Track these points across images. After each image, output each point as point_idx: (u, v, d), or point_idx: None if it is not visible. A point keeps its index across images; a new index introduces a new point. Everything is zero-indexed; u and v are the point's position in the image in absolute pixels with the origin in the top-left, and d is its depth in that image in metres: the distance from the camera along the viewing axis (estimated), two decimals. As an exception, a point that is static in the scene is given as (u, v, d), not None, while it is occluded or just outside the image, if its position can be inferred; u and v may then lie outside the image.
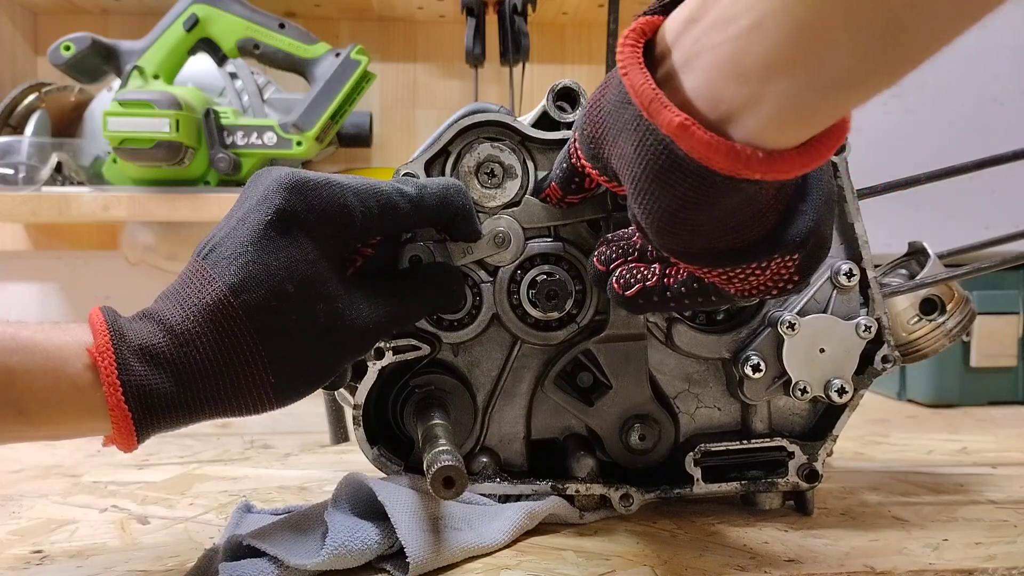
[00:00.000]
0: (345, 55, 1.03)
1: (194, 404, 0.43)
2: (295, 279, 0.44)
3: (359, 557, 0.46)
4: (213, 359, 0.43)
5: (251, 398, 0.44)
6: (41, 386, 0.41)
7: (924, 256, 0.60)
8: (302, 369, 0.45)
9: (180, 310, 0.43)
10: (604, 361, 0.56)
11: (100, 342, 0.42)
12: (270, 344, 0.43)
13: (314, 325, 0.45)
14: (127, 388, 0.41)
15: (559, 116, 0.55)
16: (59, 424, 0.42)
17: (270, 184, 0.46)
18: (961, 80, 1.37)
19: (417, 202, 0.49)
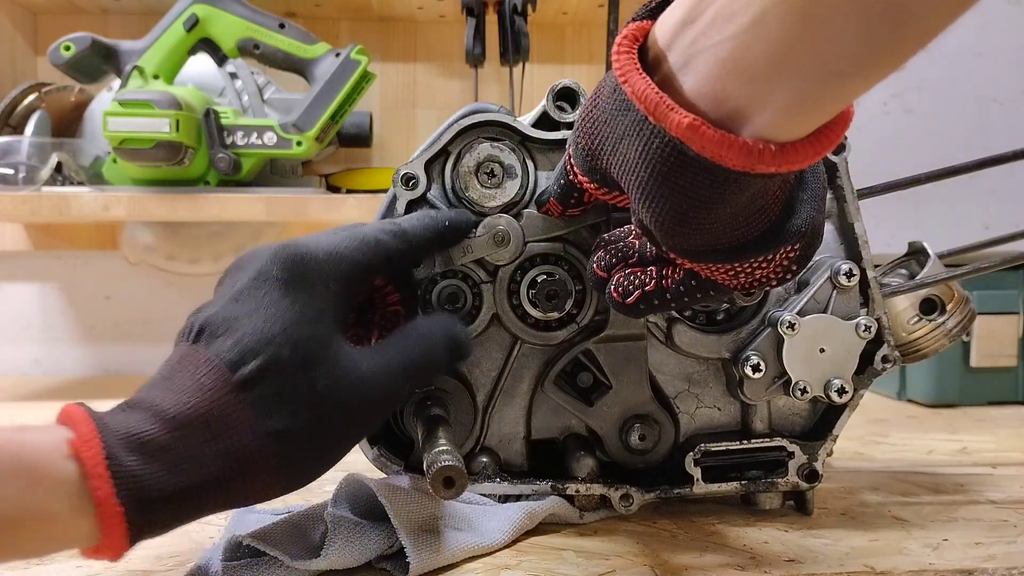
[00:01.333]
0: (345, 55, 1.03)
1: (191, 496, 0.38)
2: (291, 343, 0.41)
3: (359, 557, 0.46)
4: (209, 443, 0.38)
5: (253, 483, 0.40)
6: (11, 492, 0.34)
7: (924, 256, 0.60)
8: (304, 444, 0.41)
9: (172, 395, 0.39)
10: (604, 361, 0.56)
11: (83, 431, 0.36)
12: (267, 417, 0.40)
13: (311, 392, 0.41)
14: (118, 479, 0.36)
15: (559, 116, 0.55)
16: (35, 536, 0.35)
17: (266, 260, 0.44)
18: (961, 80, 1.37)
19: (401, 234, 0.49)
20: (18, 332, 1.29)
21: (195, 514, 0.39)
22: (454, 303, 0.56)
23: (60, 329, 1.30)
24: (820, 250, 0.57)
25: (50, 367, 1.29)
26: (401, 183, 0.54)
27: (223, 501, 0.40)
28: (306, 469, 0.42)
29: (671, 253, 0.41)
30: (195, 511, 0.39)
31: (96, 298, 1.30)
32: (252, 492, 0.40)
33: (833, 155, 0.56)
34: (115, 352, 1.30)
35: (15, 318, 1.29)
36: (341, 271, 0.45)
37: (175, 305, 1.29)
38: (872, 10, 0.29)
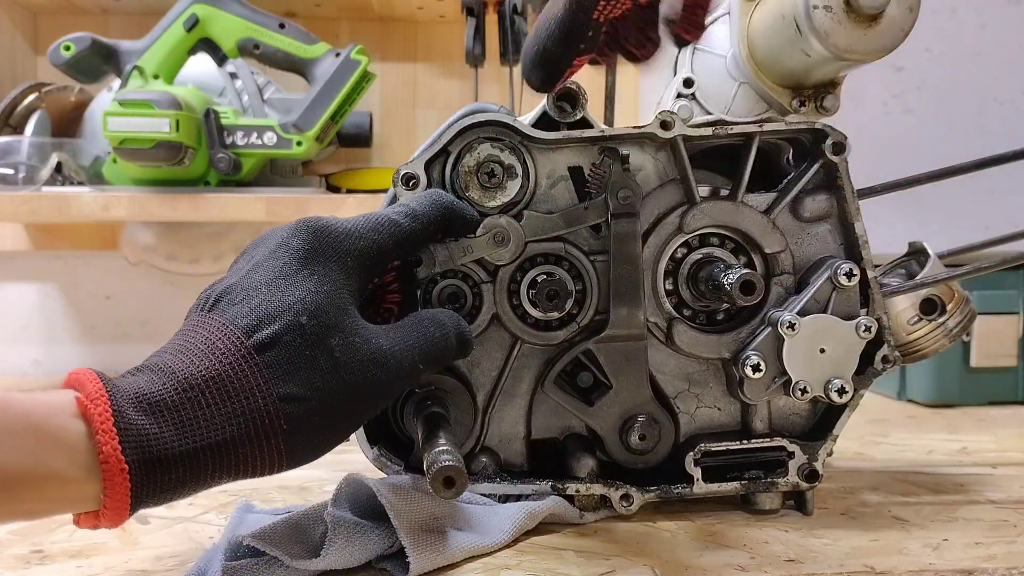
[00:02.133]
0: (345, 55, 1.03)
1: (198, 459, 0.38)
2: (309, 310, 0.41)
3: (359, 557, 0.46)
4: (220, 405, 0.38)
5: (261, 449, 0.39)
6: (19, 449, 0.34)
7: (924, 256, 0.60)
8: (316, 414, 0.41)
9: (184, 358, 0.39)
10: (604, 361, 0.56)
11: (91, 389, 0.36)
12: (281, 381, 0.39)
13: (328, 359, 0.41)
14: (124, 436, 0.35)
15: (559, 116, 0.55)
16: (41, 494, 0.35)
17: (288, 231, 0.45)
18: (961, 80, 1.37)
19: (412, 215, 0.49)
20: (18, 332, 1.29)
21: (201, 480, 0.38)
22: (454, 303, 0.56)
23: (60, 329, 1.30)
24: (820, 250, 0.57)
25: (50, 367, 1.29)
26: (401, 183, 0.54)
27: (232, 467, 0.39)
28: (317, 439, 0.42)
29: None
30: (202, 477, 0.38)
31: (96, 298, 1.30)
32: (262, 460, 0.39)
33: (833, 155, 0.56)
34: (115, 352, 1.30)
35: (15, 318, 1.29)
36: (359, 248, 0.46)
37: (175, 305, 1.29)
38: None
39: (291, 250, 0.44)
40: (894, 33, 0.49)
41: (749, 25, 0.56)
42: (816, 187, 0.58)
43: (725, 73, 0.59)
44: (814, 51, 0.50)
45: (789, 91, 0.56)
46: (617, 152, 0.55)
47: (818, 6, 0.49)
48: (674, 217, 0.56)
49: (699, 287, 0.56)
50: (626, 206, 0.54)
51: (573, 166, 0.56)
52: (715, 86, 0.59)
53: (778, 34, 0.52)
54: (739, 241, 0.57)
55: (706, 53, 0.60)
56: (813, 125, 0.56)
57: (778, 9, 0.52)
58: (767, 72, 0.56)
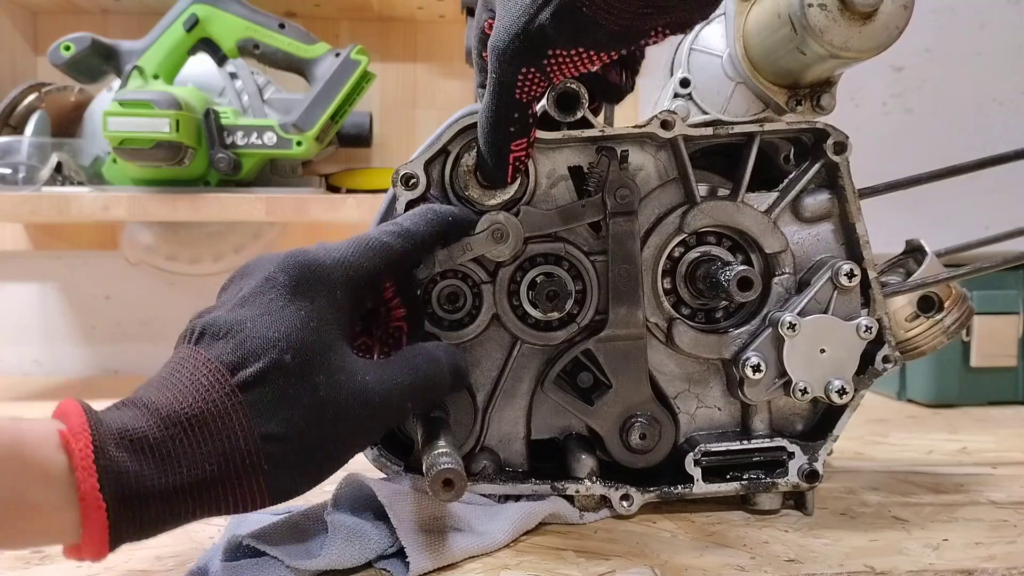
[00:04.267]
0: (345, 55, 1.03)
1: (177, 497, 0.37)
2: (294, 347, 0.41)
3: (359, 557, 0.46)
4: (202, 444, 0.38)
5: (242, 489, 0.39)
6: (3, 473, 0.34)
7: (921, 254, 0.60)
8: (297, 454, 0.40)
9: (168, 394, 0.39)
10: (604, 361, 0.56)
11: (75, 423, 0.36)
12: (264, 420, 0.39)
13: (312, 397, 0.40)
14: (103, 474, 0.35)
15: (559, 116, 0.55)
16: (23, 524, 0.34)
17: (275, 264, 0.44)
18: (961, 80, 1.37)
19: (405, 234, 0.49)
20: (18, 332, 1.29)
21: (181, 518, 0.38)
22: (454, 303, 0.56)
23: (60, 329, 1.30)
24: (821, 250, 0.57)
25: (50, 367, 1.29)
26: (401, 183, 0.54)
27: (212, 506, 0.39)
28: (299, 478, 0.41)
29: None
30: (182, 514, 0.38)
31: (96, 298, 1.30)
32: (242, 498, 0.39)
33: (835, 155, 0.56)
34: (115, 352, 1.30)
35: (15, 318, 1.29)
36: (348, 278, 0.45)
37: (175, 305, 1.29)
38: None
39: (277, 285, 0.43)
40: (889, 31, 0.49)
41: (745, 25, 0.56)
42: (817, 187, 0.58)
43: (721, 73, 0.59)
44: (810, 49, 0.50)
45: (785, 90, 0.56)
46: (615, 151, 0.55)
47: (813, 4, 0.49)
48: (674, 217, 0.56)
49: (697, 285, 0.56)
50: (624, 205, 0.54)
51: (573, 166, 0.56)
52: (711, 86, 0.59)
53: (774, 33, 0.52)
54: (737, 240, 0.57)
55: (702, 53, 0.60)
56: (814, 125, 0.56)
57: (773, 8, 0.52)
58: (763, 71, 0.56)
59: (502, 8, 0.47)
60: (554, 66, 0.47)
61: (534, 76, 0.48)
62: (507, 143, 0.51)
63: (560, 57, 0.47)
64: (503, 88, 0.48)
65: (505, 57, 0.47)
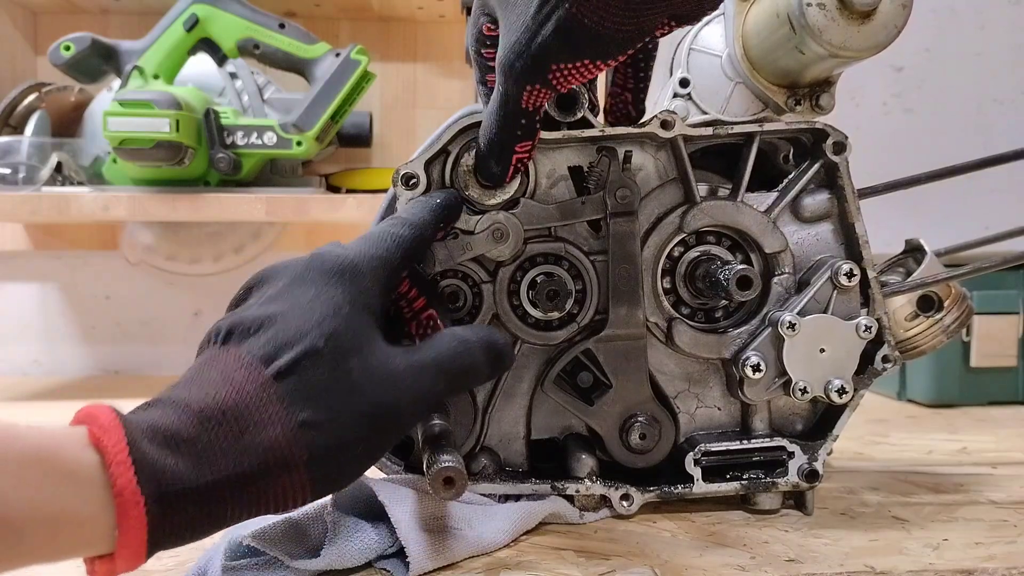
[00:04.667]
0: (345, 55, 1.03)
1: (217, 494, 0.36)
2: (326, 334, 0.40)
3: (359, 557, 0.46)
4: (238, 437, 0.36)
5: (282, 481, 0.37)
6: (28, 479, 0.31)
7: (921, 253, 0.60)
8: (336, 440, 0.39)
9: (199, 390, 0.38)
10: (604, 360, 0.56)
11: (104, 421, 0.34)
12: (299, 409, 0.38)
13: (346, 383, 0.40)
14: (140, 467, 0.33)
15: (559, 116, 0.55)
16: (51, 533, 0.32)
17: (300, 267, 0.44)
18: (961, 80, 1.37)
19: (404, 223, 0.49)
20: (18, 332, 1.29)
21: (221, 517, 0.37)
22: (454, 303, 0.56)
23: (60, 329, 1.30)
24: (820, 250, 0.57)
25: (50, 367, 1.29)
26: (401, 183, 0.54)
27: (252, 502, 0.37)
28: (338, 468, 0.40)
29: None
30: (221, 513, 0.36)
31: (96, 298, 1.30)
32: (283, 493, 0.38)
33: (834, 155, 0.56)
34: (115, 352, 1.30)
35: (15, 318, 1.29)
36: (372, 268, 0.45)
37: (175, 305, 1.29)
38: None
39: (307, 281, 0.43)
40: (888, 30, 0.49)
41: (744, 24, 0.56)
42: (816, 187, 0.58)
43: (721, 73, 0.59)
44: (808, 49, 0.50)
45: (784, 90, 0.56)
46: (615, 151, 0.55)
47: (812, 3, 0.49)
48: (674, 217, 0.56)
49: (696, 285, 0.56)
50: (624, 205, 0.54)
51: (573, 166, 0.56)
52: (711, 86, 0.59)
53: (772, 33, 0.52)
54: (736, 239, 0.57)
55: (702, 53, 0.60)
56: (814, 125, 0.56)
57: (772, 8, 0.52)
58: (762, 71, 0.56)
59: (505, 24, 0.47)
60: (560, 78, 0.47)
61: (540, 90, 0.48)
62: (511, 145, 0.51)
63: (565, 70, 0.46)
64: (509, 100, 0.48)
65: (511, 74, 0.47)
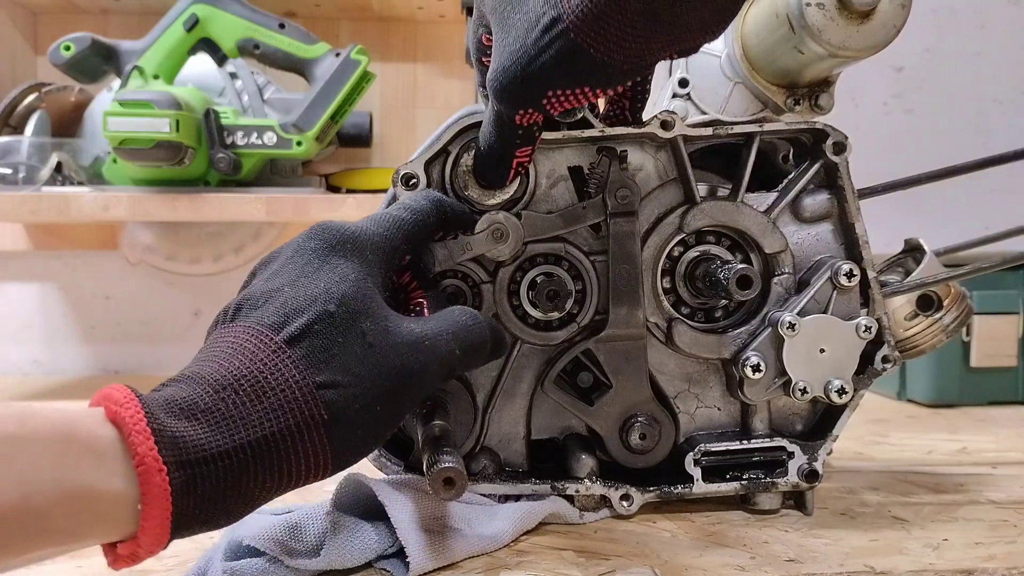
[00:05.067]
0: (345, 55, 1.03)
1: (238, 460, 0.35)
2: (336, 298, 0.40)
3: (359, 557, 0.46)
4: (256, 402, 0.36)
5: (304, 444, 0.37)
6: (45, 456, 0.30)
7: (920, 253, 0.60)
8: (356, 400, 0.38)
9: (212, 364, 0.37)
10: (604, 361, 0.56)
11: (120, 397, 0.34)
12: (316, 371, 0.38)
13: (361, 343, 0.39)
14: (159, 437, 0.33)
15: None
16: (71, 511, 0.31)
17: (302, 236, 0.45)
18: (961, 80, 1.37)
19: (410, 208, 0.50)
20: (18, 332, 1.29)
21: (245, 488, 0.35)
22: (454, 302, 0.56)
23: (60, 329, 1.30)
24: (820, 250, 0.57)
25: (50, 367, 1.29)
26: (401, 183, 0.54)
27: (275, 469, 0.36)
28: (360, 430, 0.39)
29: None
30: (244, 482, 0.35)
31: (96, 298, 1.30)
32: (305, 457, 0.37)
33: (834, 155, 0.56)
34: (115, 352, 1.30)
35: (15, 318, 1.29)
36: (374, 242, 0.46)
37: (175, 305, 1.29)
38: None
39: (308, 251, 0.43)
40: (887, 30, 0.49)
41: (743, 24, 0.56)
42: (816, 187, 0.58)
43: (720, 73, 0.59)
44: (807, 49, 0.50)
45: (784, 90, 0.56)
46: (615, 151, 0.55)
47: (811, 3, 0.49)
48: (674, 217, 0.56)
49: (696, 284, 0.56)
50: (624, 205, 0.54)
51: (573, 166, 0.56)
52: (710, 86, 0.59)
53: (772, 32, 0.52)
54: (736, 240, 0.57)
55: (701, 53, 0.60)
56: (813, 125, 0.56)
57: (771, 8, 0.52)
58: (761, 71, 0.56)
59: (499, 42, 0.46)
60: (554, 103, 0.46)
61: (533, 113, 0.47)
62: (511, 152, 0.51)
63: (562, 96, 0.45)
64: (503, 118, 0.48)
65: (504, 98, 0.46)
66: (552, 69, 0.43)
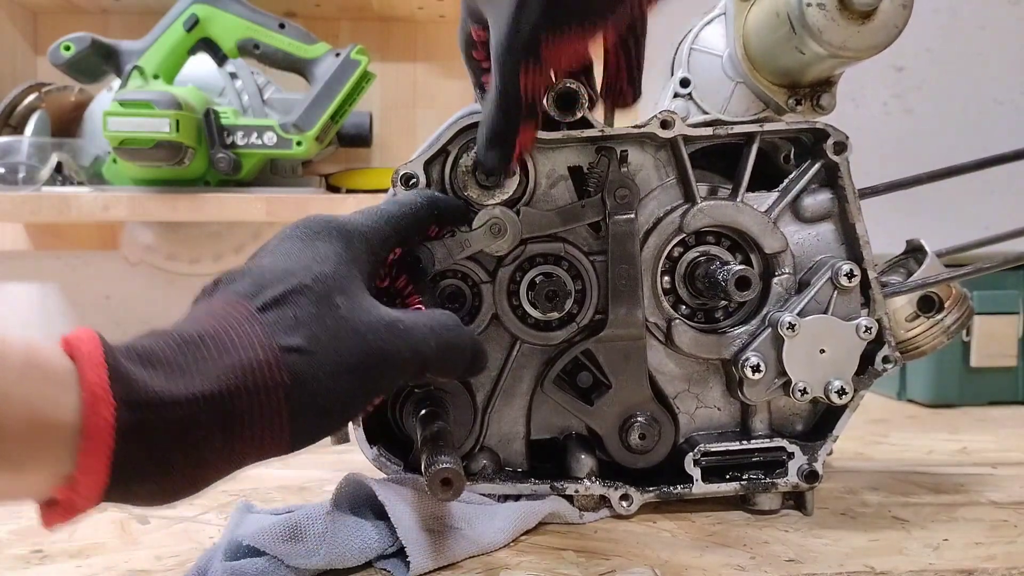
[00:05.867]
0: (345, 55, 1.03)
1: (192, 410, 0.34)
2: (314, 275, 0.40)
3: (359, 557, 0.46)
4: (218, 359, 0.35)
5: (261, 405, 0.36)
6: (6, 379, 0.31)
7: (922, 254, 0.60)
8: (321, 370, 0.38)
9: (183, 323, 0.38)
10: (603, 361, 0.56)
11: (83, 334, 0.34)
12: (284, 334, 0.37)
13: (334, 316, 0.39)
14: (114, 372, 0.32)
15: (559, 116, 0.55)
16: (25, 436, 0.31)
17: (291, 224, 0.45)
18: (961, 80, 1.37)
19: (399, 203, 0.50)
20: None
21: (194, 444, 0.34)
22: (454, 302, 0.56)
23: (60, 329, 1.30)
24: (821, 250, 0.57)
25: (50, 367, 1.29)
26: (401, 183, 0.54)
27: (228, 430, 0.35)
28: (321, 406, 0.38)
29: None
30: (195, 438, 0.34)
31: (96, 298, 1.30)
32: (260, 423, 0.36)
33: (835, 155, 0.56)
34: (115, 352, 1.30)
35: (15, 318, 1.29)
36: (361, 233, 0.46)
37: (175, 305, 1.28)
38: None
39: (294, 237, 0.44)
40: (888, 30, 0.49)
41: (744, 24, 0.56)
42: (817, 187, 0.58)
43: (721, 73, 0.59)
44: (809, 49, 0.50)
45: (785, 90, 0.56)
46: (614, 151, 0.55)
47: (812, 3, 0.49)
48: (674, 217, 0.56)
49: (696, 285, 0.56)
50: (624, 205, 0.54)
51: (573, 166, 0.56)
52: (711, 86, 0.59)
53: (773, 32, 0.52)
54: (736, 240, 0.57)
55: (702, 53, 0.60)
56: (814, 125, 0.56)
57: (772, 8, 0.52)
58: (763, 71, 0.56)
59: (494, 20, 0.48)
60: (552, 55, 0.47)
61: (534, 68, 0.48)
62: (514, 130, 0.50)
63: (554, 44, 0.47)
64: (508, 88, 0.48)
65: (506, 58, 0.47)
66: (538, 15, 0.46)
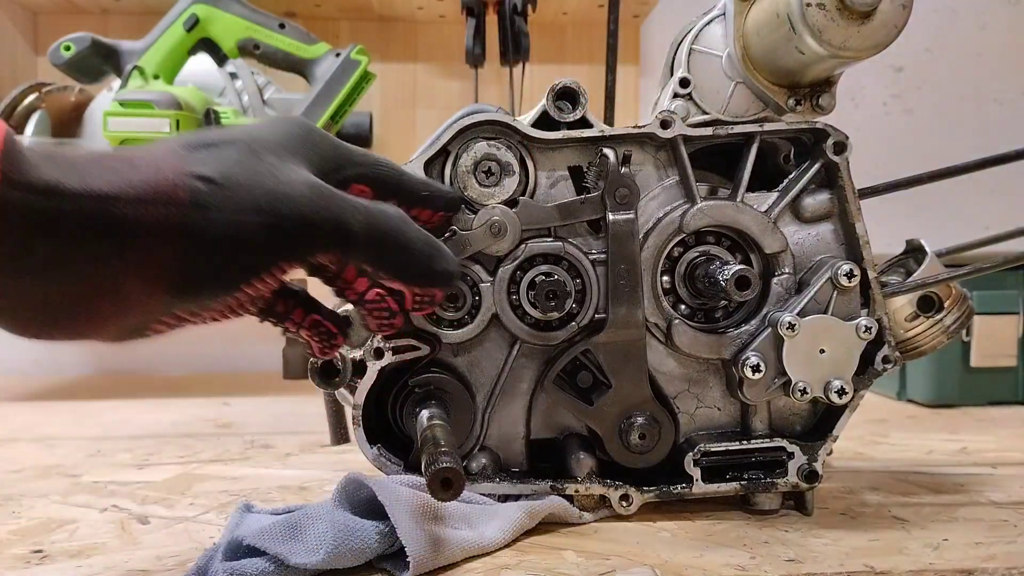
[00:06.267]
0: (345, 55, 1.03)
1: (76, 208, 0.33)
2: (251, 135, 0.40)
3: (359, 557, 0.46)
4: (125, 173, 0.35)
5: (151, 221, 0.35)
6: None
7: (921, 254, 0.60)
8: (225, 206, 0.37)
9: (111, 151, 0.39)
10: (603, 361, 0.56)
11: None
12: (198, 166, 0.37)
13: (256, 162, 0.39)
14: (8, 153, 0.32)
15: (559, 116, 0.55)
16: None
17: None
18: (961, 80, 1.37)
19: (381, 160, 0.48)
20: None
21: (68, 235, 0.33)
22: (454, 303, 0.56)
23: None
24: (821, 250, 0.57)
25: (50, 367, 1.29)
26: (401, 183, 0.54)
27: (109, 231, 0.34)
28: (213, 238, 0.37)
29: None
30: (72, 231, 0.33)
31: (96, 298, 1.30)
32: (146, 233, 0.35)
33: (834, 155, 0.56)
34: (115, 352, 1.30)
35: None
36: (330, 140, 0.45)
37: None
38: None
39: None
40: (887, 30, 0.49)
41: (744, 24, 0.56)
42: (817, 187, 0.58)
43: (721, 73, 0.59)
44: (808, 49, 0.50)
45: (785, 90, 0.56)
46: (614, 151, 0.55)
47: (811, 4, 0.49)
48: (674, 217, 0.56)
49: (696, 285, 0.56)
50: (624, 205, 0.54)
51: (573, 166, 0.56)
52: (711, 86, 0.59)
53: (773, 32, 0.52)
54: (736, 240, 0.57)
55: (702, 53, 0.60)
56: (814, 125, 0.56)
57: (772, 8, 0.52)
58: (763, 71, 0.56)
59: None
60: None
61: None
62: None
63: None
64: None
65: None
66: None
